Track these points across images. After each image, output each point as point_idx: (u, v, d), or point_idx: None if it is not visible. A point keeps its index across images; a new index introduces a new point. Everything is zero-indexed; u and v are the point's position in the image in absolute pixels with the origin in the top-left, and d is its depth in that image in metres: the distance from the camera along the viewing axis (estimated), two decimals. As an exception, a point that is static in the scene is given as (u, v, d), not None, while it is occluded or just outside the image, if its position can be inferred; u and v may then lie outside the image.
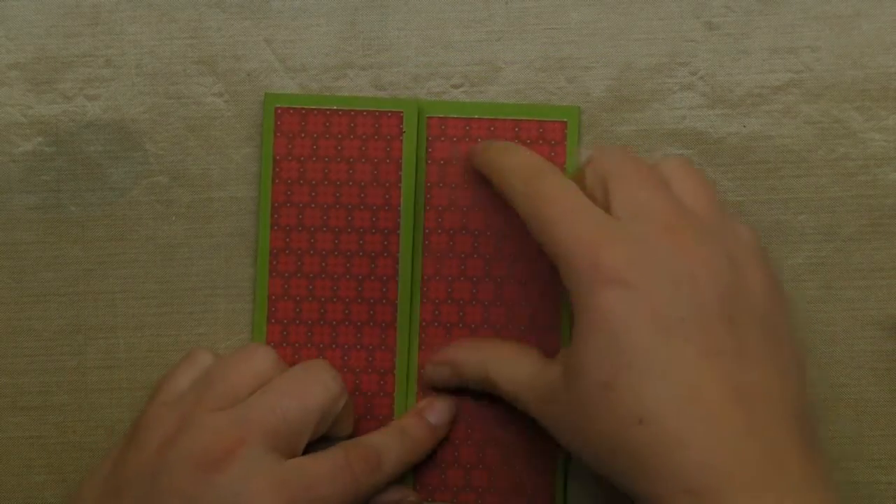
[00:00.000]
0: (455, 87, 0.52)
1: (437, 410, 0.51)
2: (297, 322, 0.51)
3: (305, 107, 0.52)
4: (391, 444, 0.49)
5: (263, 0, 0.52)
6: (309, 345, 0.51)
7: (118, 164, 0.52)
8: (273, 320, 0.51)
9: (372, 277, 0.51)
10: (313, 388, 0.48)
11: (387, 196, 0.51)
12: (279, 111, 0.51)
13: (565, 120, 0.51)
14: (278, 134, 0.51)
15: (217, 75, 0.52)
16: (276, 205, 0.51)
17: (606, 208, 0.45)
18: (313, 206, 0.51)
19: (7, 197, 0.52)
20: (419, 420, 0.50)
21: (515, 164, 0.48)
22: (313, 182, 0.51)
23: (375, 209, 0.51)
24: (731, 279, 0.44)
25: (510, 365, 0.48)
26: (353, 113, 0.51)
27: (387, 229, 0.51)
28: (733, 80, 0.52)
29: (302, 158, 0.51)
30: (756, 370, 0.43)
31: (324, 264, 0.51)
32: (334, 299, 0.51)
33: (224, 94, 0.52)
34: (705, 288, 0.43)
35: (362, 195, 0.51)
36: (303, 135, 0.51)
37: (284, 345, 0.51)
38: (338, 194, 0.51)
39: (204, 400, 0.47)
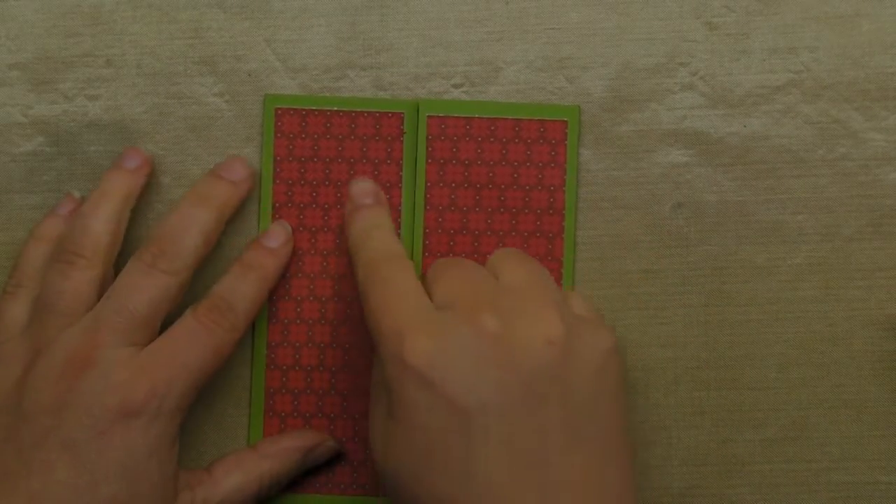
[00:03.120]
0: (456, 87, 0.52)
1: (273, 234, 0.51)
2: (298, 321, 0.51)
3: (305, 107, 0.52)
4: (237, 283, 0.49)
5: (264, 0, 0.52)
6: (310, 344, 0.51)
7: (119, 165, 0.52)
8: (274, 320, 0.51)
9: None
10: (151, 279, 0.48)
11: (387, 196, 0.51)
12: (279, 112, 0.51)
13: (565, 119, 0.51)
14: (278, 135, 0.51)
15: (218, 75, 0.52)
16: (278, 205, 0.51)
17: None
18: (314, 206, 0.51)
19: (8, 197, 0.52)
20: (258, 249, 0.50)
21: (371, 247, 0.49)
22: (314, 182, 0.51)
23: None
24: (547, 359, 0.44)
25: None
26: (353, 114, 0.51)
27: None
28: (733, 80, 0.52)
29: (302, 159, 0.51)
30: (562, 456, 0.44)
31: (325, 264, 0.51)
32: (335, 298, 0.51)
33: (225, 95, 0.52)
34: (512, 369, 0.44)
35: None
36: (303, 136, 0.51)
37: (285, 344, 0.51)
38: (339, 195, 0.51)
39: (49, 323, 0.48)
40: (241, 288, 0.49)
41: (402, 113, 0.51)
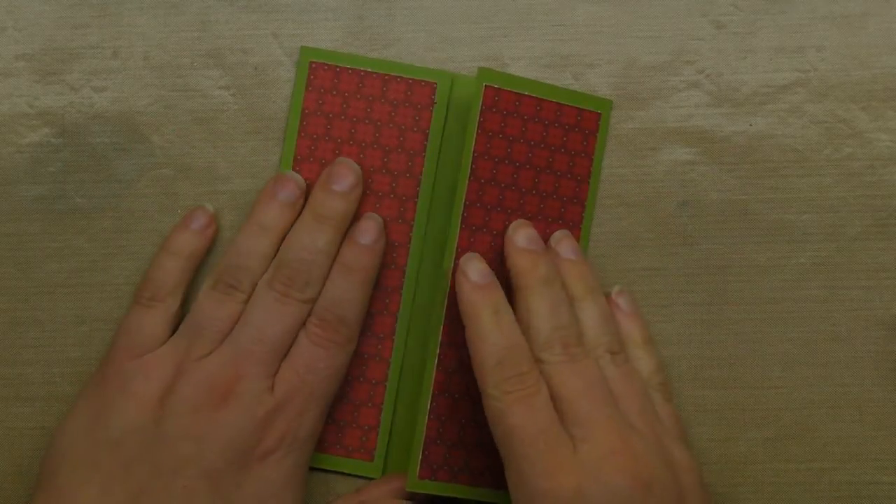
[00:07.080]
0: (462, 82, 0.52)
1: (364, 230, 0.50)
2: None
3: (340, 65, 0.51)
4: (343, 290, 0.49)
5: (272, -7, 0.52)
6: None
7: (124, 157, 0.52)
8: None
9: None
10: (286, 308, 0.49)
11: (410, 164, 0.51)
12: (314, 66, 0.51)
13: (600, 111, 0.51)
14: (310, 88, 0.51)
15: (224, 68, 0.52)
16: (299, 158, 0.51)
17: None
18: None
19: (13, 188, 0.52)
20: (353, 247, 0.50)
21: (493, 345, 0.47)
22: (339, 140, 0.51)
23: (396, 175, 0.51)
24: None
25: None
26: (386, 77, 0.51)
27: (405, 196, 0.51)
28: (739, 79, 0.52)
29: (330, 115, 0.51)
30: None
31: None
32: None
33: (231, 88, 0.52)
34: None
35: (385, 160, 0.51)
36: (334, 92, 0.51)
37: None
38: (362, 155, 0.51)
39: (196, 346, 0.48)
40: (347, 295, 0.49)
41: (435, 83, 0.51)
